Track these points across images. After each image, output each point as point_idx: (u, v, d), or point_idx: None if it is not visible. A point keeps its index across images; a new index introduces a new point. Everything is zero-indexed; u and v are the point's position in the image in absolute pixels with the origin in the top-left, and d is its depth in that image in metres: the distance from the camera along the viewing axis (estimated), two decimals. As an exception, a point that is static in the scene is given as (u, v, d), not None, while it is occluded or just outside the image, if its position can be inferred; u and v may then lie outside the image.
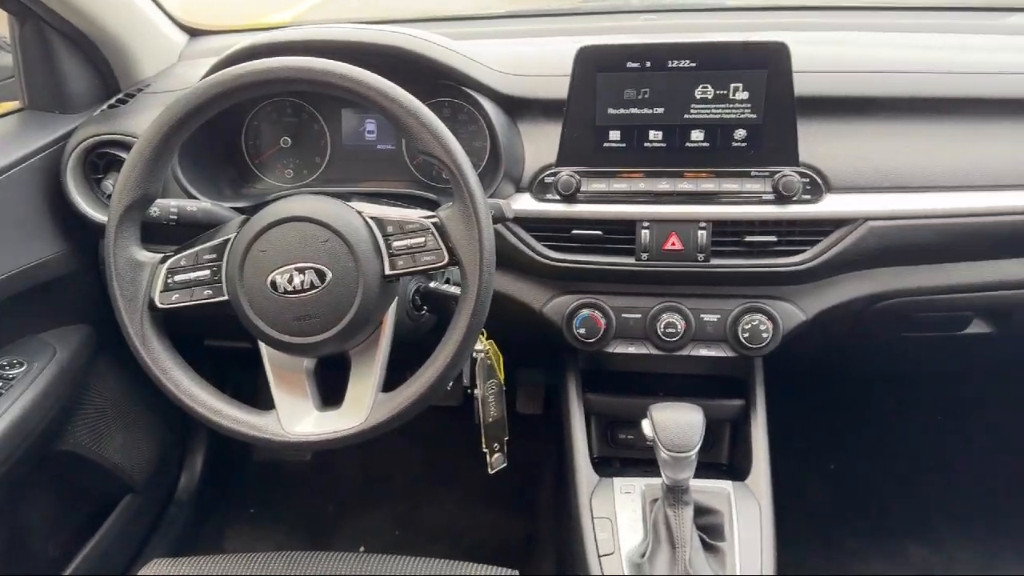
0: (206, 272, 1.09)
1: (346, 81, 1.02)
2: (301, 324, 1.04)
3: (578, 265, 1.35)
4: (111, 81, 1.60)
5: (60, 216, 1.46)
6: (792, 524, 1.97)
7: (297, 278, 1.04)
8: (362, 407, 1.09)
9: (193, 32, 1.81)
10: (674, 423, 1.20)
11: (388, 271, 1.07)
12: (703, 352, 1.39)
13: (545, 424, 2.20)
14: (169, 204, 1.21)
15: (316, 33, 1.38)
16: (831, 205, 1.28)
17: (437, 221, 1.06)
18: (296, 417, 1.10)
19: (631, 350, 1.41)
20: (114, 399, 1.74)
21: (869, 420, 2.27)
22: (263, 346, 1.12)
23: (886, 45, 1.50)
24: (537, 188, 1.35)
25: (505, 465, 1.40)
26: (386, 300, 1.11)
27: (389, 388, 1.10)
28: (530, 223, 1.35)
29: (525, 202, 1.35)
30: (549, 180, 1.34)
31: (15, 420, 1.35)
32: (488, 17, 1.87)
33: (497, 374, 1.38)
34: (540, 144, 1.36)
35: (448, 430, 2.14)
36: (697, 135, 1.30)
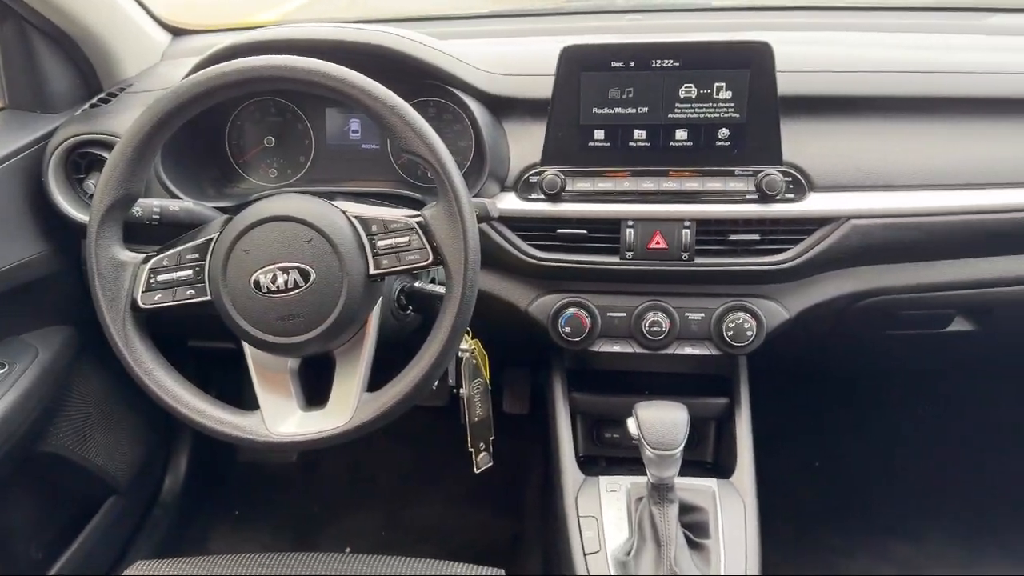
0: (189, 272, 1.08)
1: (329, 80, 1.02)
2: (285, 324, 1.04)
3: (563, 264, 1.35)
4: (93, 80, 1.59)
5: (42, 216, 1.45)
6: (777, 521, 1.99)
7: (281, 278, 1.03)
8: (347, 407, 1.08)
9: (176, 31, 1.80)
10: (659, 421, 1.21)
11: (372, 270, 1.06)
12: (688, 350, 1.39)
13: (531, 424, 2.20)
14: (152, 204, 1.20)
15: (299, 32, 1.37)
16: (814, 204, 1.29)
17: (422, 220, 1.06)
18: (280, 417, 1.10)
19: (616, 349, 1.41)
20: (97, 400, 1.73)
21: (854, 418, 2.28)
22: (247, 346, 1.12)
23: (869, 45, 1.51)
24: (522, 187, 1.35)
25: (491, 465, 1.40)
26: (370, 300, 1.11)
27: (375, 388, 1.10)
28: (515, 222, 1.35)
29: (510, 201, 1.35)
30: (534, 179, 1.34)
31: (-4, 422, 1.34)
32: (473, 17, 1.87)
33: (483, 373, 1.38)
34: (525, 143, 1.36)
35: (434, 430, 2.13)
36: (681, 134, 1.30)
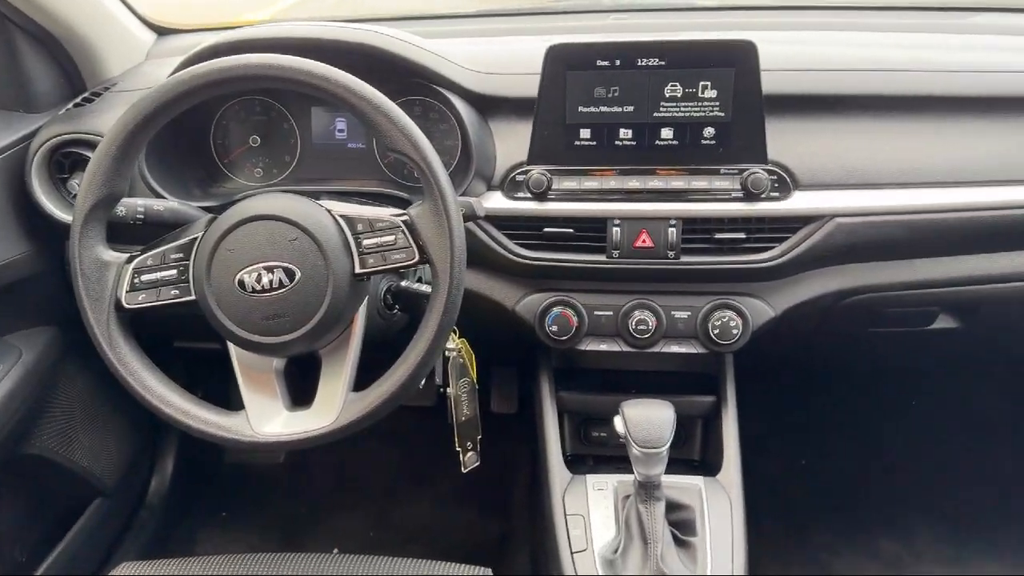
0: (173, 272, 1.08)
1: (313, 78, 1.02)
2: (270, 324, 1.04)
3: (550, 263, 1.36)
4: (77, 80, 1.58)
5: (25, 216, 1.44)
6: (765, 519, 2.00)
7: (265, 277, 1.03)
8: (332, 407, 1.08)
9: (161, 31, 1.79)
10: (645, 420, 1.21)
11: (358, 270, 1.06)
12: (674, 348, 1.39)
13: (519, 423, 2.20)
14: (136, 203, 1.19)
15: (284, 31, 1.37)
16: (799, 202, 1.30)
17: (407, 219, 1.05)
18: (265, 417, 1.09)
19: (603, 347, 1.41)
20: (82, 401, 1.72)
21: (840, 416, 2.29)
22: (231, 346, 1.11)
23: (853, 44, 1.52)
24: (509, 186, 1.35)
25: (478, 464, 1.40)
26: (356, 299, 1.10)
27: (362, 388, 1.10)
28: (502, 221, 1.35)
29: (497, 200, 1.35)
30: (520, 178, 1.34)
31: (-20, 424, 1.33)
32: (460, 16, 1.87)
33: (470, 373, 1.38)
34: (511, 142, 1.37)
35: (422, 430, 2.13)
36: (667, 133, 1.30)
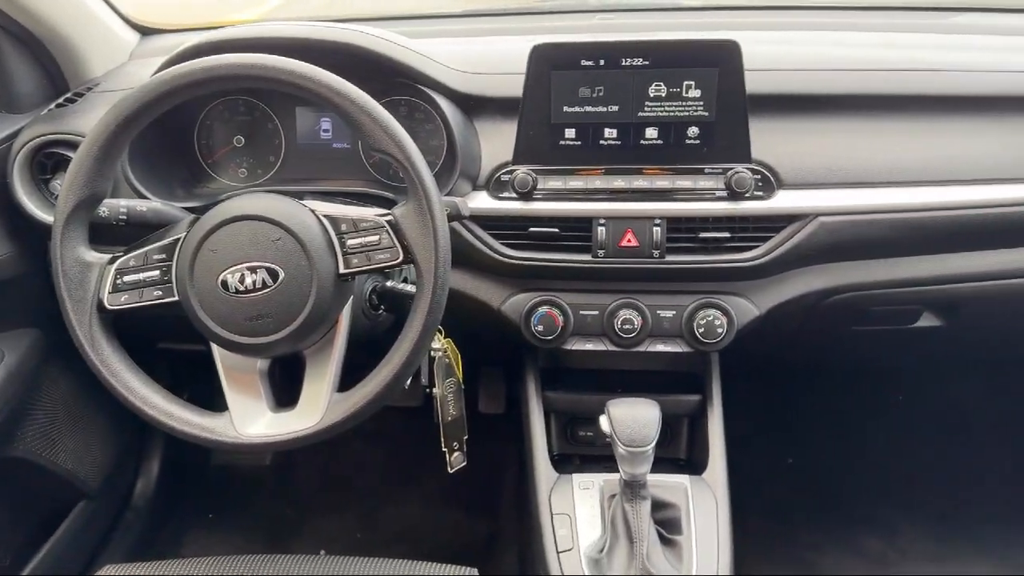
0: (155, 272, 1.07)
1: (296, 78, 1.02)
2: (253, 324, 1.03)
3: (535, 263, 1.36)
4: (59, 80, 1.57)
5: (7, 217, 1.43)
6: (750, 517, 2.01)
7: (249, 278, 1.02)
8: (317, 407, 1.08)
9: (145, 31, 1.78)
10: (631, 419, 1.22)
11: (342, 270, 1.06)
12: (660, 348, 1.40)
13: (507, 423, 2.20)
14: (118, 204, 1.19)
15: (268, 30, 1.36)
16: (782, 201, 1.30)
17: (392, 219, 1.05)
18: (249, 419, 1.09)
19: (589, 347, 1.41)
20: (66, 403, 1.71)
21: (825, 414, 2.30)
22: (215, 347, 1.11)
23: (836, 44, 1.53)
24: (494, 186, 1.35)
25: (465, 464, 1.40)
26: (341, 299, 1.10)
27: (348, 388, 1.10)
28: (487, 221, 1.35)
29: (482, 200, 1.35)
30: (506, 178, 1.34)
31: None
32: (445, 16, 1.87)
33: (455, 373, 1.38)
34: (496, 142, 1.37)
35: (409, 430, 2.13)
36: (651, 133, 1.31)
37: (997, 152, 1.35)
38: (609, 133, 1.32)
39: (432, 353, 1.34)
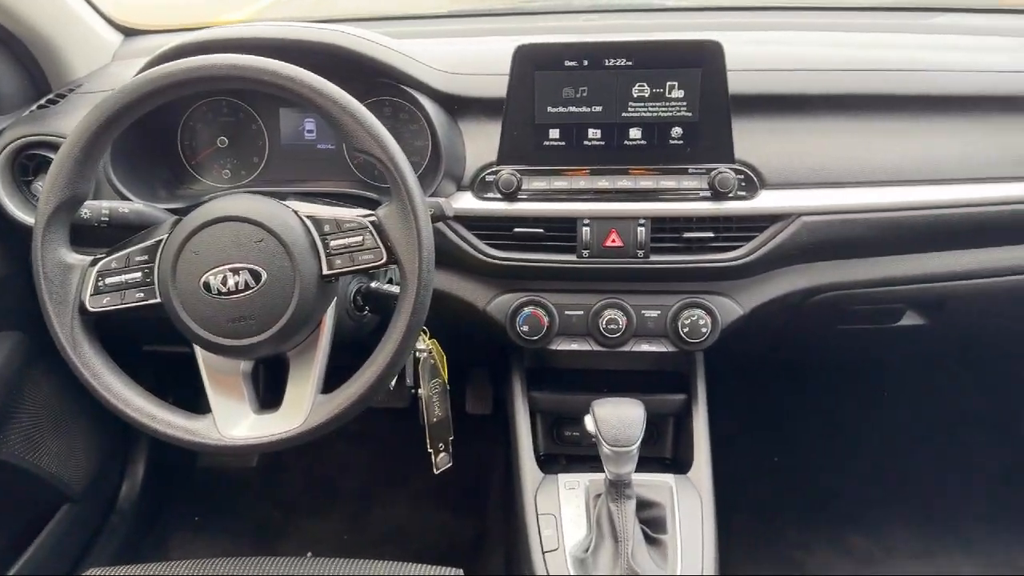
0: (137, 274, 1.07)
1: (278, 79, 1.01)
2: (235, 326, 1.03)
3: (520, 263, 1.36)
4: (41, 81, 1.56)
5: (-11, 220, 1.42)
6: (737, 516, 2.01)
7: (231, 279, 1.02)
8: (300, 409, 1.07)
9: (128, 32, 1.77)
10: (615, 418, 1.22)
11: (326, 271, 1.06)
12: (645, 347, 1.40)
13: (494, 424, 2.20)
14: (100, 205, 1.18)
15: (251, 31, 1.36)
16: (765, 201, 1.31)
17: (375, 220, 1.05)
18: (232, 421, 1.09)
19: (574, 347, 1.42)
20: (49, 406, 1.70)
21: (811, 413, 2.31)
22: (198, 349, 1.10)
23: (819, 44, 1.54)
24: (478, 187, 1.35)
25: (450, 465, 1.40)
26: (324, 300, 1.10)
27: (334, 390, 1.09)
28: (472, 221, 1.35)
29: (467, 201, 1.35)
30: (490, 178, 1.34)
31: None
32: (430, 16, 1.87)
33: (441, 373, 1.38)
34: (481, 143, 1.36)
35: (396, 432, 2.13)
36: (635, 133, 1.31)
37: (977, 152, 1.36)
38: (593, 133, 1.32)
39: (417, 354, 1.34)
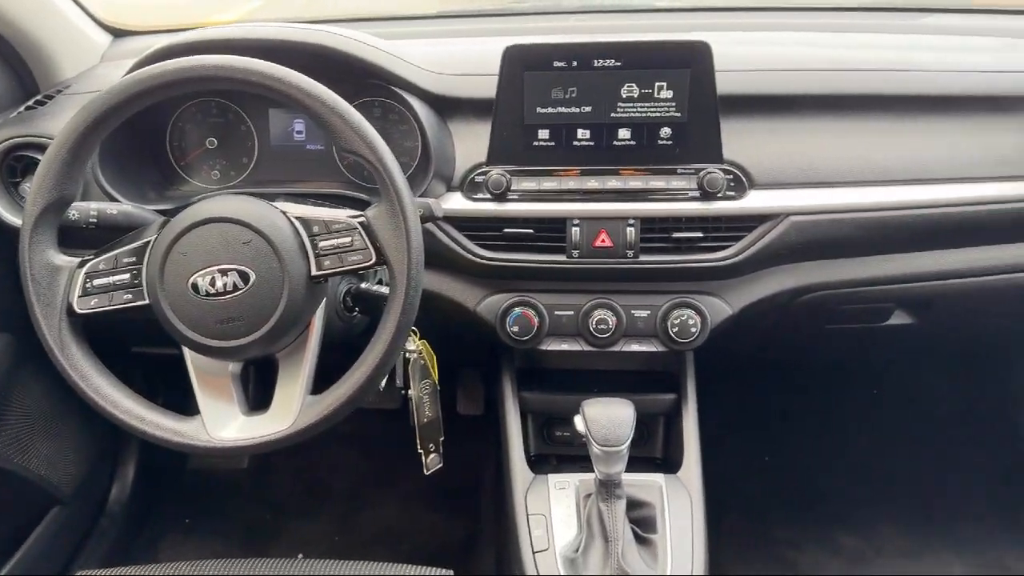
0: (126, 276, 1.07)
1: (266, 79, 1.01)
2: (224, 327, 1.03)
3: (510, 263, 1.36)
4: (29, 82, 1.56)
5: (-24, 221, 1.41)
6: (727, 516, 2.02)
7: (220, 280, 1.02)
8: (290, 410, 1.07)
9: (117, 32, 1.77)
10: (605, 418, 1.22)
11: (314, 272, 1.05)
12: (634, 347, 1.40)
13: (486, 425, 2.20)
14: (89, 207, 1.18)
15: (240, 32, 1.36)
16: (754, 201, 1.31)
17: (364, 220, 1.05)
18: (221, 422, 1.08)
19: (564, 347, 1.42)
20: (39, 409, 1.69)
21: (802, 412, 2.31)
22: (186, 351, 1.10)
23: (807, 44, 1.54)
24: (468, 187, 1.35)
25: (441, 466, 1.40)
26: (313, 301, 1.10)
27: (324, 391, 1.09)
28: (462, 222, 1.35)
29: (456, 201, 1.35)
30: (480, 179, 1.34)
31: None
32: (419, 17, 1.87)
33: (431, 374, 1.38)
34: (470, 143, 1.37)
35: (387, 433, 2.12)
36: (624, 133, 1.31)
37: (965, 151, 1.37)
38: (582, 134, 1.32)
39: (407, 355, 1.33)
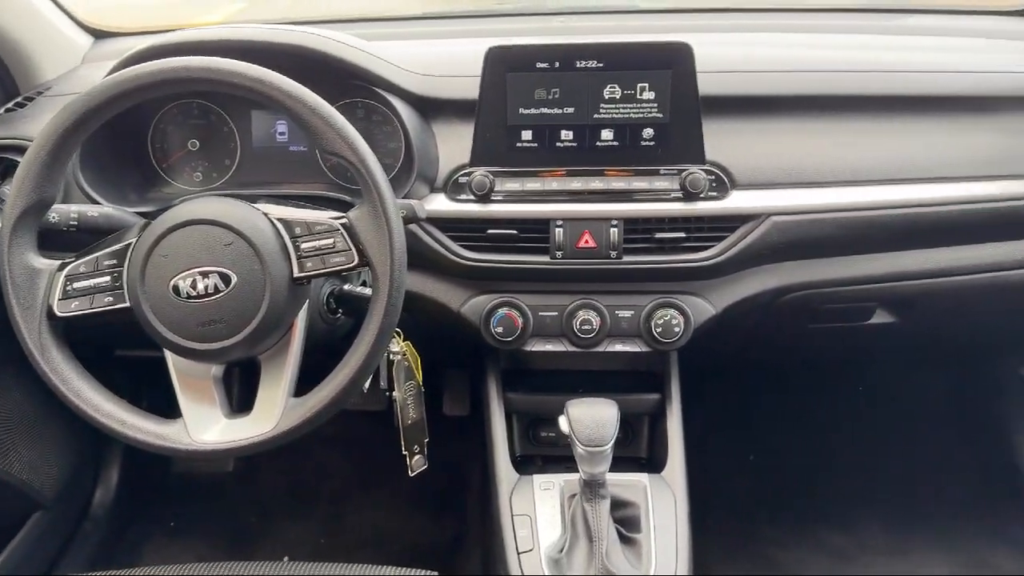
0: (106, 278, 1.06)
1: (247, 81, 1.01)
2: (205, 330, 1.02)
3: (494, 264, 1.36)
4: (9, 85, 1.55)
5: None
6: (713, 514, 2.02)
7: (201, 283, 1.01)
8: (272, 413, 1.07)
9: (98, 34, 1.76)
10: (589, 418, 1.22)
11: (297, 273, 1.05)
12: (618, 347, 1.41)
13: (472, 426, 2.20)
14: (69, 209, 1.17)
15: (222, 34, 1.35)
16: (736, 201, 1.32)
17: (346, 222, 1.05)
18: (203, 425, 1.08)
19: (548, 348, 1.42)
20: (20, 413, 1.68)
21: (786, 411, 2.32)
22: (168, 353, 1.10)
23: (789, 45, 1.55)
24: (452, 188, 1.35)
25: (426, 467, 1.40)
26: (296, 303, 1.09)
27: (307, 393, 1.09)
28: (445, 223, 1.35)
29: (440, 203, 1.35)
30: (463, 180, 1.34)
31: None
32: (403, 18, 1.87)
33: (416, 375, 1.38)
34: (454, 144, 1.37)
35: (373, 435, 2.12)
36: (607, 134, 1.32)
37: (945, 151, 1.38)
38: (565, 135, 1.32)
39: (391, 356, 1.33)
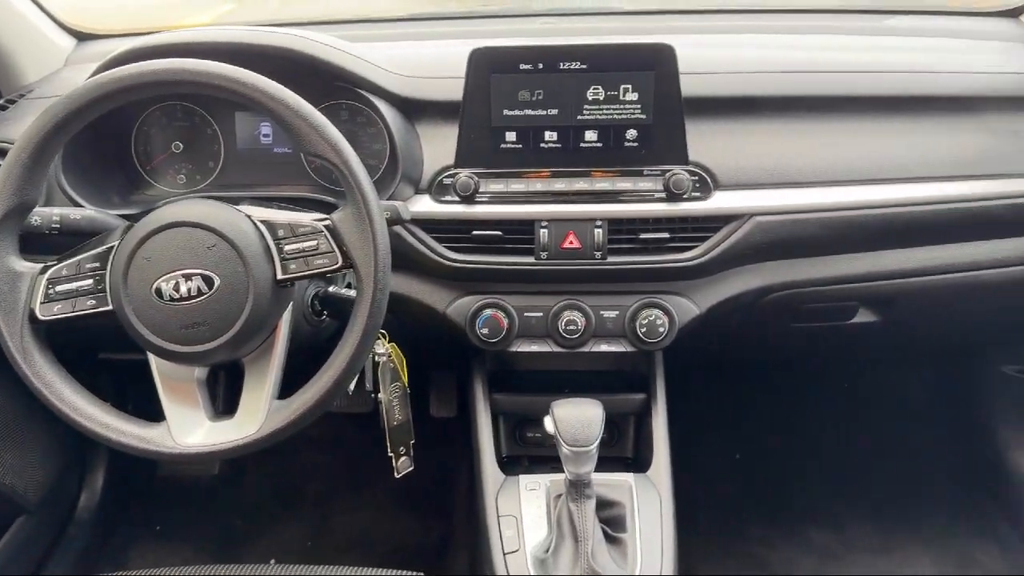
0: (89, 281, 1.06)
1: (229, 83, 1.01)
2: (188, 332, 1.02)
3: (479, 266, 1.36)
4: (-10, 87, 1.54)
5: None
6: (699, 514, 2.03)
7: (184, 285, 1.01)
8: (256, 416, 1.07)
9: (81, 36, 1.75)
10: (574, 419, 1.23)
11: (280, 276, 1.05)
12: (604, 348, 1.41)
13: (459, 427, 2.20)
14: (51, 212, 1.17)
15: (205, 35, 1.35)
16: (719, 202, 1.33)
17: (330, 223, 1.05)
18: (187, 428, 1.08)
19: (534, 348, 1.42)
20: (3, 417, 1.66)
21: (772, 410, 2.34)
22: (152, 356, 1.09)
23: (771, 47, 1.57)
24: (436, 190, 1.35)
25: (412, 468, 1.40)
26: (279, 306, 1.09)
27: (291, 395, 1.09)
28: (430, 225, 1.35)
29: (425, 204, 1.35)
30: (448, 181, 1.34)
31: None
32: (387, 20, 1.87)
33: (401, 377, 1.38)
34: (438, 146, 1.37)
35: (360, 437, 2.12)
36: (591, 135, 1.32)
37: (927, 151, 1.39)
38: (549, 136, 1.33)
39: (376, 358, 1.33)
